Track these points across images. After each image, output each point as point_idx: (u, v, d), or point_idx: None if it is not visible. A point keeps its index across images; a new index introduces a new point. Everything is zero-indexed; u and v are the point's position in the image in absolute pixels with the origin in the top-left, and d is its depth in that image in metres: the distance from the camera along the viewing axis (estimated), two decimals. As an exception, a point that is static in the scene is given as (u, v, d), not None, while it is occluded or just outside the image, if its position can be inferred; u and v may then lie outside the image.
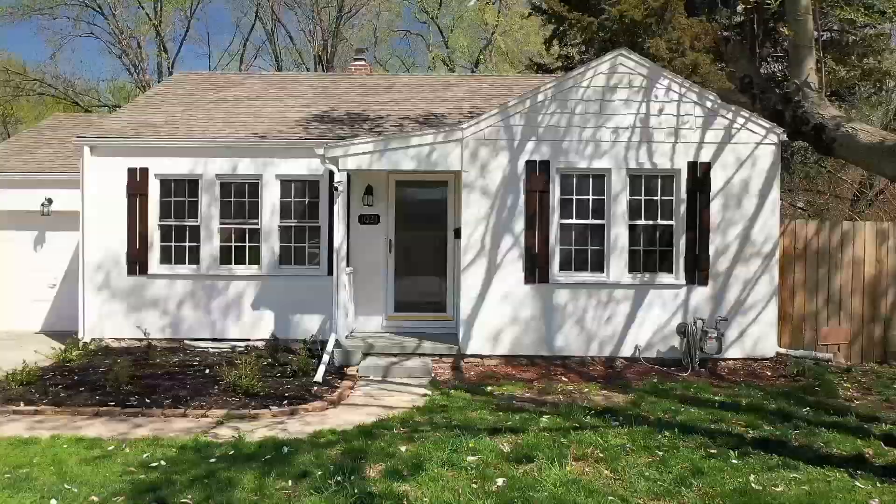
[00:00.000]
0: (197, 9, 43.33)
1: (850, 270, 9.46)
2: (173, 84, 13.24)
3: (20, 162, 12.58)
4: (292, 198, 10.25)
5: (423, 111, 11.63)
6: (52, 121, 15.12)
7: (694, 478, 4.88)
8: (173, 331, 10.12)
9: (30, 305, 12.19)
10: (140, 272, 10.14)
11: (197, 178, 10.17)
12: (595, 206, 9.11)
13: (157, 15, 43.05)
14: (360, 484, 4.74)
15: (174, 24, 43.52)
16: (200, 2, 44.22)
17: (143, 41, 43.00)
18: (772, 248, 9.03)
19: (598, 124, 9.00)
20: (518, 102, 9.04)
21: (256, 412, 6.78)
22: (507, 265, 9.05)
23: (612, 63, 9.00)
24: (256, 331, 10.09)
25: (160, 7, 43.06)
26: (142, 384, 7.71)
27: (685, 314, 8.97)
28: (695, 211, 9.01)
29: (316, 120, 11.02)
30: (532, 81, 13.97)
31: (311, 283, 10.05)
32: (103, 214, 10.12)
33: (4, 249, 12.18)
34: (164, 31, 43.29)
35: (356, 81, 13.58)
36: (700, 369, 8.65)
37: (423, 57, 45.05)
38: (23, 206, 12.03)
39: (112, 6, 42.31)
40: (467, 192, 9.05)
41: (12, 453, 5.49)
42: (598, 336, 9.03)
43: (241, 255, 10.24)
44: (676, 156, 9.00)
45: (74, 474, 4.99)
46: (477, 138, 9.01)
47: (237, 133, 10.37)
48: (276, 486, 4.72)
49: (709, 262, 9.01)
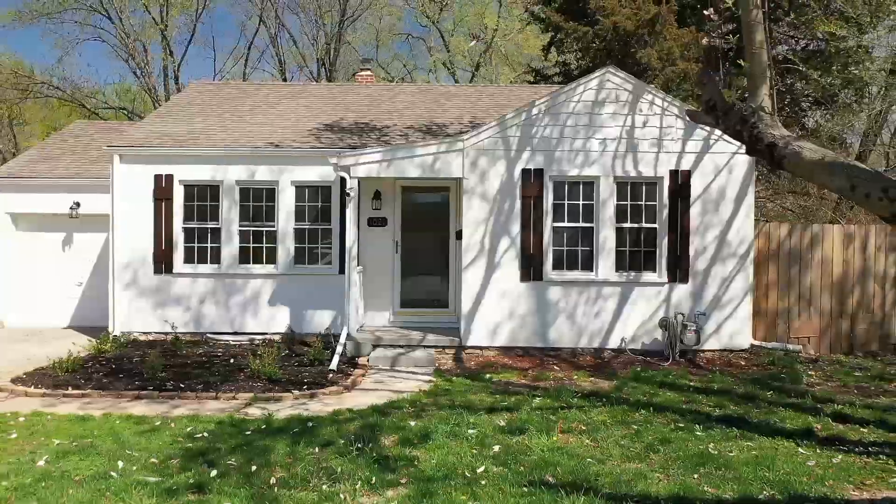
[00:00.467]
0: (202, 13, 44.09)
1: (819, 270, 10.30)
2: (190, 94, 14.07)
3: (48, 168, 13.41)
4: (306, 202, 11.08)
5: (427, 120, 12.46)
6: (74, 128, 15.96)
7: (661, 445, 5.71)
8: (196, 325, 10.95)
9: (58, 302, 13.01)
10: (165, 271, 10.97)
11: (218, 183, 11.00)
12: (585, 211, 9.95)
13: (164, 19, 43.94)
14: (378, 450, 5.57)
15: (179, 27, 44.27)
16: (206, 7, 44.98)
17: (148, 44, 43.88)
18: (746, 249, 9.87)
19: (587, 135, 9.84)
20: (514, 115, 9.87)
21: (280, 395, 7.61)
22: (505, 265, 9.88)
23: (600, 79, 9.83)
24: (273, 325, 10.92)
25: (166, 11, 43.95)
26: (174, 372, 8.54)
27: (667, 309, 9.81)
28: (676, 215, 9.85)
29: (326, 129, 11.85)
30: (528, 91, 14.82)
31: (323, 281, 10.88)
32: (131, 217, 10.94)
33: (34, 250, 13.00)
34: (169, 35, 44.19)
35: (362, 91, 14.41)
36: (680, 359, 9.48)
37: (425, 60, 45.81)
38: (52, 209, 12.86)
39: (119, 10, 43.22)
40: (468, 197, 9.88)
41: (72, 427, 6.32)
42: (588, 329, 9.87)
43: (259, 255, 11.07)
44: (659, 164, 9.84)
45: (131, 443, 5.82)
46: (477, 148, 9.84)
47: (254, 142, 11.20)
48: (306, 452, 5.55)
49: (689, 261, 9.85)
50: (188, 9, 45.39)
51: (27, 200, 12.92)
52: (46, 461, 5.34)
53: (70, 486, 4.82)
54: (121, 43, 43.61)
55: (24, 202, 12.94)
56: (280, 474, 5.04)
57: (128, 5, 42.78)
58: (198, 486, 4.82)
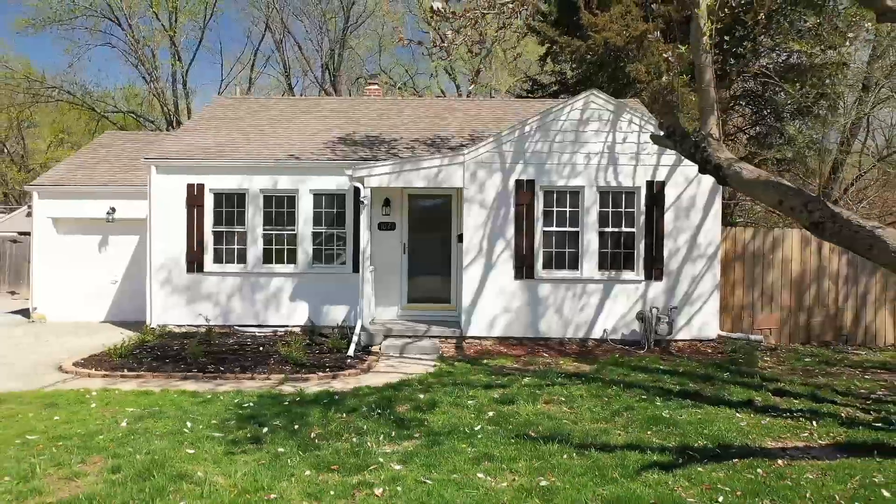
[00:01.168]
0: (210, 20, 45.37)
1: (780, 269, 11.58)
2: (214, 108, 15.36)
3: (85, 176, 14.71)
4: (322, 208, 12.36)
5: (431, 133, 13.74)
6: (103, 139, 17.26)
7: (625, 412, 6.99)
8: (224, 318, 12.23)
9: (94, 299, 14.32)
10: (197, 270, 12.26)
11: (244, 191, 12.29)
12: (571, 217, 11.23)
13: (172, 26, 45.28)
14: (394, 414, 6.86)
15: (187, 33, 45.49)
16: (213, 14, 46.29)
17: (156, 50, 45.21)
18: (714, 251, 11.16)
19: (573, 150, 11.12)
20: (509, 133, 11.16)
21: (307, 376, 8.90)
22: (501, 264, 11.17)
23: (585, 101, 11.12)
24: (293, 318, 12.20)
25: (175, 18, 45.29)
26: (213, 357, 9.83)
27: (644, 304, 11.09)
28: (652, 220, 11.13)
29: (340, 142, 13.14)
30: (523, 105, 16.08)
31: (337, 279, 12.17)
32: (166, 222, 12.23)
33: (73, 251, 14.30)
34: (178, 41, 45.54)
35: (371, 105, 15.71)
36: (655, 348, 10.77)
37: (426, 64, 47.07)
38: (89, 214, 14.16)
39: (128, 17, 44.56)
40: (468, 204, 11.17)
41: (138, 399, 7.60)
42: (574, 322, 11.15)
43: (280, 256, 12.35)
44: (637, 176, 11.12)
45: (191, 410, 7.10)
46: (476, 161, 11.13)
47: (276, 154, 12.48)
48: (336, 416, 6.83)
49: (663, 262, 11.13)
50: (196, 15, 46.76)
51: (67, 206, 14.23)
52: (127, 423, 6.62)
53: (153, 438, 6.10)
54: (130, 48, 44.95)
55: (64, 208, 14.24)
56: (318, 431, 6.33)
57: (137, 12, 44.14)
58: (254, 438, 6.10)
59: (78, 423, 6.63)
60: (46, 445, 5.92)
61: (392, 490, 4.90)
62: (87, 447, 5.87)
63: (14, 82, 47.22)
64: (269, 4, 44.93)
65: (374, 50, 48.24)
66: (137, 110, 51.51)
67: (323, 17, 46.31)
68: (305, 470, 5.29)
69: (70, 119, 57.02)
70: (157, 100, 47.54)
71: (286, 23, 46.61)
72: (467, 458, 5.57)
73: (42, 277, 14.21)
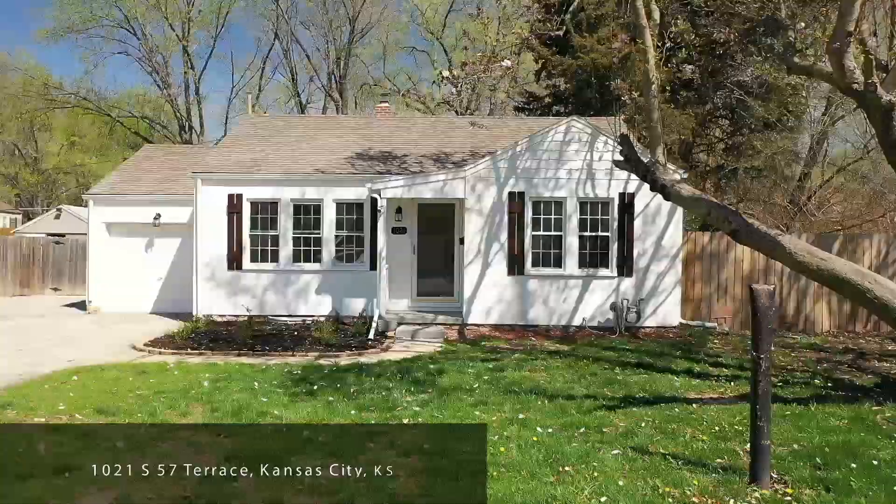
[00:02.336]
0: (222, 30, 47.48)
1: (733, 267, 13.65)
2: (246, 126, 17.44)
3: (133, 187, 16.79)
4: (344, 215, 14.42)
5: (436, 150, 15.81)
6: (143, 152, 19.36)
7: (589, 377, 9.06)
8: (260, 309, 14.29)
9: (142, 293, 16.40)
10: (236, 268, 14.32)
11: (276, 201, 14.35)
12: (556, 223, 13.30)
13: (185, 35, 47.42)
14: (411, 377, 8.92)
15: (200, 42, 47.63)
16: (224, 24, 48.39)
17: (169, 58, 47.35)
18: (676, 251, 13.22)
19: (557, 167, 13.18)
20: (503, 152, 13.23)
21: (337, 354, 10.96)
22: (496, 263, 13.23)
23: (567, 126, 13.19)
24: (319, 309, 14.26)
25: (188, 28, 47.43)
26: (257, 340, 11.89)
27: (616, 296, 13.15)
28: (623, 226, 13.19)
29: (358, 158, 15.20)
30: (517, 123, 18.11)
31: (357, 275, 14.23)
32: (210, 227, 14.29)
33: (123, 251, 16.38)
34: (190, 50, 47.69)
35: (384, 123, 17.79)
36: (625, 333, 12.83)
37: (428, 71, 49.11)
38: (137, 220, 16.25)
39: (143, 27, 46.69)
40: (468, 213, 13.23)
41: (209, 369, 9.65)
42: (557, 311, 13.22)
43: (308, 255, 14.41)
44: (611, 188, 13.18)
45: (253, 375, 9.16)
46: (475, 176, 13.19)
47: (304, 169, 14.54)
48: (366, 379, 8.89)
49: (633, 261, 13.19)
50: (208, 24, 48.91)
51: (118, 212, 16.32)
52: (208, 383, 8.69)
53: (233, 392, 8.17)
54: (145, 57, 47.08)
55: (115, 214, 16.33)
56: (355, 388, 8.39)
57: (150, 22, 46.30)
58: (308, 392, 8.17)
59: (169, 383, 8.70)
60: (154, 397, 7.98)
61: (415, 425, 6.95)
62: (185, 398, 7.93)
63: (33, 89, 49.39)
64: (278, 15, 47.07)
65: (379, 57, 50.34)
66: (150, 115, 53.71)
67: (329, 27, 48.41)
68: (351, 410, 7.36)
69: (84, 123, 59.18)
70: (169, 106, 49.68)
71: (294, 32, 48.71)
72: (468, 403, 7.64)
73: (97, 274, 16.28)
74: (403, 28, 49.28)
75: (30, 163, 65.18)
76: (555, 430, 6.53)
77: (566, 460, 5.65)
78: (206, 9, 47.29)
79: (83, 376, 9.07)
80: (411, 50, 49.42)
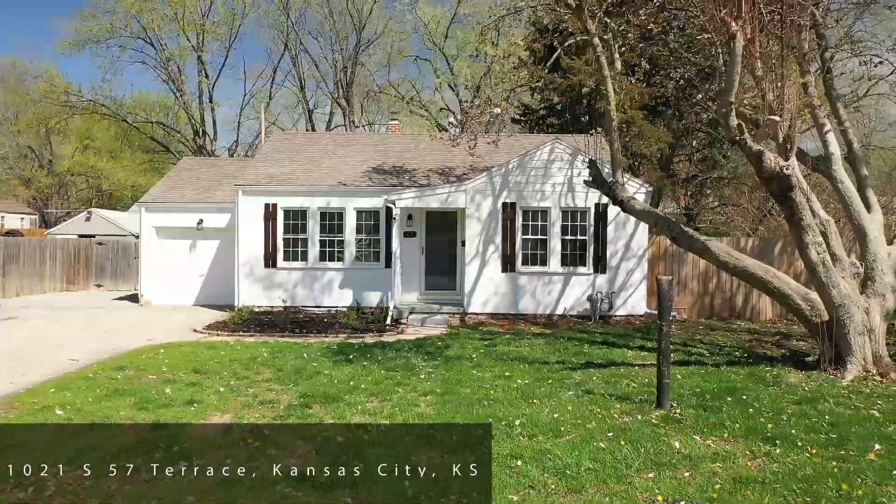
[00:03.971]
0: (235, 40, 50.04)
1: (691, 266, 16.19)
2: (275, 143, 20.00)
3: (177, 195, 19.36)
4: (363, 221, 16.97)
5: (441, 164, 18.35)
6: (182, 164, 21.93)
7: (562, 350, 11.62)
8: (291, 301, 16.85)
9: (186, 288, 18.96)
10: (271, 266, 16.88)
11: (306, 209, 16.91)
12: (542, 228, 15.84)
13: (200, 46, 50.04)
14: (424, 350, 11.48)
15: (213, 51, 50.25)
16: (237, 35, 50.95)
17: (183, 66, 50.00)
18: (643, 252, 15.77)
19: (543, 181, 15.73)
20: (497, 168, 15.79)
21: (362, 335, 13.52)
22: (492, 262, 15.78)
23: (551, 146, 15.73)
24: (342, 301, 16.82)
25: (202, 38, 50.04)
26: (295, 325, 14.44)
27: (592, 290, 15.70)
28: (598, 231, 15.74)
29: (374, 172, 17.76)
30: (511, 141, 20.63)
31: (374, 272, 16.78)
32: (249, 231, 16.84)
33: (170, 252, 18.94)
34: (205, 59, 50.32)
35: (394, 140, 20.35)
36: (600, 321, 15.37)
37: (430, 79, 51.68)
38: (182, 224, 18.80)
39: (160, 38, 49.36)
40: (469, 219, 15.77)
41: (263, 345, 12.20)
42: (543, 302, 15.77)
43: (332, 255, 16.97)
44: (588, 199, 15.73)
45: (300, 350, 11.71)
46: (474, 189, 15.74)
47: (329, 182, 17.09)
48: (390, 352, 11.43)
49: (606, 260, 15.74)
50: (221, 36, 51.55)
51: (165, 218, 18.88)
52: (266, 354, 11.24)
53: (288, 359, 10.72)
54: (161, 65, 49.73)
55: (163, 219, 18.90)
56: (381, 357, 10.94)
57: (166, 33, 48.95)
58: (346, 360, 10.73)
59: (237, 354, 11.25)
60: (229, 363, 10.53)
61: (429, 378, 9.48)
62: (254, 363, 10.48)
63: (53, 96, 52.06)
64: (288, 27, 49.71)
65: (383, 64, 52.94)
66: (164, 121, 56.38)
67: (336, 37, 51.02)
68: (381, 371, 9.91)
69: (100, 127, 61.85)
70: (184, 112, 52.33)
71: (303, 42, 51.32)
72: (468, 366, 10.19)
73: (148, 272, 18.86)
74: (407, 37, 51.80)
75: (44, 165, 67.83)
76: (530, 382, 9.10)
77: (535, 397, 8.22)
78: (220, 20, 49.95)
79: (166, 350, 11.63)
80: (415, 59, 51.87)
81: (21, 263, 21.73)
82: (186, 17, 47.65)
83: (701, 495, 5.26)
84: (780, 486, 5.42)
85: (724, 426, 6.97)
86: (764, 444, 6.42)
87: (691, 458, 6.07)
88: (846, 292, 9.25)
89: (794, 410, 7.61)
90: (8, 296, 20.89)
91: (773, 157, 8.91)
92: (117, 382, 9.09)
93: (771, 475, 5.65)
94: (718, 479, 5.57)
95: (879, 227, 10.18)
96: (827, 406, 7.80)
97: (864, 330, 9.18)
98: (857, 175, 10.97)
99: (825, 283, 9.26)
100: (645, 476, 5.64)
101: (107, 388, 8.77)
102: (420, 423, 7.18)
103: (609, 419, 7.29)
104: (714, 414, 7.44)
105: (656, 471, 5.75)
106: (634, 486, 5.44)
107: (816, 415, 7.42)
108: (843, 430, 6.85)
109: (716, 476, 5.66)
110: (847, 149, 11.20)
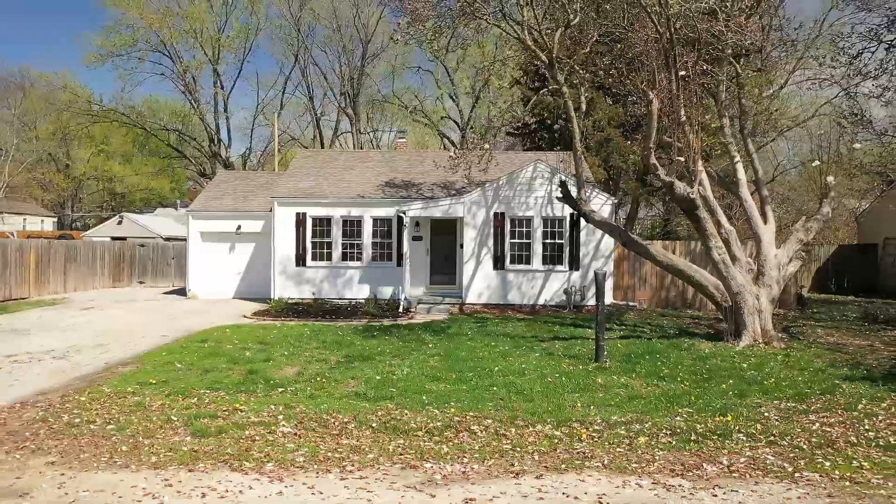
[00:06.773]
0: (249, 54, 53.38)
1: (650, 264, 19.50)
2: (301, 160, 23.38)
3: (218, 204, 22.72)
4: (378, 227, 20.32)
5: (443, 179, 21.69)
6: (220, 176, 25.30)
7: (538, 329, 14.96)
8: (318, 294, 20.19)
9: (226, 284, 22.32)
10: (301, 265, 20.24)
11: (330, 217, 20.26)
12: (526, 233, 19.18)
13: (216, 57, 53.44)
14: (431, 330, 14.83)
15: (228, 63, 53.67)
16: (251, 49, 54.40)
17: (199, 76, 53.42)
18: (610, 253, 19.11)
19: (528, 194, 19.07)
20: (490, 184, 19.15)
21: (381, 320, 16.87)
22: (485, 261, 19.13)
23: (534, 166, 19.08)
24: (360, 294, 20.16)
25: (218, 51, 53.43)
26: (324, 312, 17.79)
27: (568, 284, 19.04)
28: (573, 235, 19.08)
29: (386, 185, 21.11)
30: (505, 157, 23.98)
31: (387, 270, 20.12)
32: (283, 235, 20.20)
33: (213, 253, 22.30)
34: (220, 71, 53.76)
35: (402, 156, 23.72)
36: (573, 310, 18.71)
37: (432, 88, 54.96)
38: (222, 229, 22.17)
39: (178, 52, 52.78)
40: (466, 226, 19.12)
41: (304, 326, 15.53)
42: (527, 295, 19.11)
43: (352, 256, 20.31)
44: (564, 210, 19.06)
45: (334, 330, 15.05)
46: (471, 201, 19.09)
47: (349, 194, 20.44)
48: (404, 331, 14.75)
49: (580, 260, 19.08)
50: (236, 49, 54.95)
51: (208, 224, 22.25)
52: (308, 332, 14.57)
53: (327, 336, 14.05)
54: (178, 76, 53.16)
55: (206, 225, 22.27)
56: (397, 334, 14.27)
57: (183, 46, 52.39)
58: (371, 336, 14.07)
59: (285, 332, 14.58)
60: (283, 338, 13.86)
61: (435, 346, 12.80)
62: (301, 338, 13.81)
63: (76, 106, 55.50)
64: (298, 40, 53.09)
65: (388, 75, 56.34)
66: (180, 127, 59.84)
67: (343, 50, 54.41)
68: (399, 342, 13.24)
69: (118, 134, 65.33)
70: (200, 120, 55.77)
71: (312, 55, 54.71)
72: (464, 340, 13.53)
73: (194, 270, 22.22)
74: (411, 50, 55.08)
75: (61, 169, 71.23)
76: (509, 348, 12.45)
77: (510, 356, 11.58)
78: (234, 34, 53.37)
79: (231, 329, 14.97)
80: (417, 70, 55.22)
81: (79, 263, 25.09)
82: (204, 32, 51.11)
83: (605, 403, 8.61)
84: (655, 399, 8.77)
85: (634, 371, 10.34)
86: (657, 381, 9.79)
87: (606, 386, 9.44)
88: (742, 283, 12.59)
89: (688, 364, 10.97)
90: (68, 291, 24.25)
91: (682, 185, 12.26)
92: (207, 348, 12.45)
93: (653, 395, 9.00)
94: (619, 396, 8.92)
95: (771, 235, 13.51)
96: (714, 362, 11.15)
97: (754, 311, 12.52)
98: (760, 195, 14.30)
99: (726, 276, 12.61)
100: (573, 394, 9.00)
101: (200, 352, 12.13)
102: (429, 370, 10.55)
103: (559, 368, 10.65)
104: (633, 365, 10.79)
105: (581, 392, 9.12)
106: (565, 398, 8.79)
107: (702, 366, 10.78)
108: (715, 374, 10.20)
109: (618, 395, 9.01)
110: (755, 174, 14.52)
